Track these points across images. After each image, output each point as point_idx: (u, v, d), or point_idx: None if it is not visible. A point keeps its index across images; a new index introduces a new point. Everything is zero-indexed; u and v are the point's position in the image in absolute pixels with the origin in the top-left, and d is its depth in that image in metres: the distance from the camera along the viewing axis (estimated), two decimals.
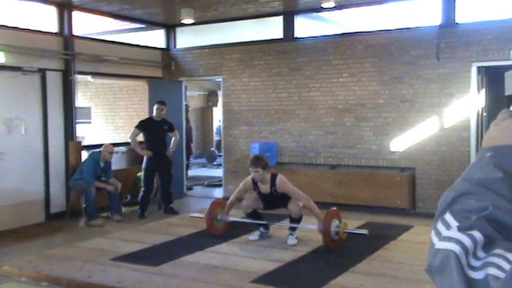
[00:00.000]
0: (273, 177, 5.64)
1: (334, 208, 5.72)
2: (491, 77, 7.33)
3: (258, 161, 5.63)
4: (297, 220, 5.74)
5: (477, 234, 0.66)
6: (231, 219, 6.12)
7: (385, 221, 6.92)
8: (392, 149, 7.74)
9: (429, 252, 0.70)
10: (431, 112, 7.42)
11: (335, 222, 5.48)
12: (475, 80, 7.16)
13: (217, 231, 6.07)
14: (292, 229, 5.77)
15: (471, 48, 7.10)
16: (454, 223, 0.70)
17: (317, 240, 5.84)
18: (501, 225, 0.68)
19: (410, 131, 7.59)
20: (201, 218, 6.21)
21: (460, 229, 0.68)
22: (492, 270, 0.63)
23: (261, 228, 5.96)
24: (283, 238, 5.80)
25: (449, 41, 7.26)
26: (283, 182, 5.63)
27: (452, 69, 7.26)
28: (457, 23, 7.29)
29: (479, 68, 7.17)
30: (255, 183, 5.71)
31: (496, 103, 7.11)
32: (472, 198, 0.72)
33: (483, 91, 7.28)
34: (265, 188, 5.69)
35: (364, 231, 5.70)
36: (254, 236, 5.92)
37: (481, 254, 0.66)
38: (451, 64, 7.26)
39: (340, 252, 5.47)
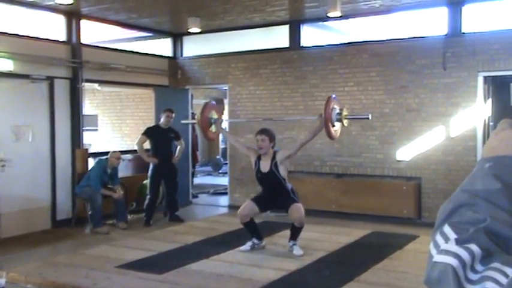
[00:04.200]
0: (275, 152, 5.55)
1: (334, 95, 5.53)
2: (498, 87, 7.32)
3: (266, 130, 5.62)
4: (299, 230, 5.65)
5: (475, 248, 0.66)
6: (227, 130, 5.97)
7: (390, 231, 6.88)
8: (398, 158, 7.72)
9: (427, 264, 0.70)
10: (437, 121, 7.41)
11: (335, 110, 5.30)
12: (481, 89, 7.15)
13: (212, 135, 6.05)
14: (294, 238, 5.63)
15: (477, 58, 7.10)
16: (452, 235, 0.70)
17: (322, 249, 5.82)
18: (499, 237, 0.68)
19: (416, 140, 7.57)
20: (194, 123, 6.10)
21: (458, 242, 0.68)
22: (489, 284, 0.63)
23: (254, 239, 5.75)
24: (287, 247, 5.77)
25: (455, 50, 7.26)
26: (284, 150, 5.60)
27: (458, 78, 7.26)
28: (463, 33, 7.29)
29: (485, 77, 7.15)
30: (258, 157, 5.58)
31: (503, 113, 7.08)
32: (471, 209, 0.72)
33: (489, 101, 7.26)
34: (265, 165, 5.54)
35: (366, 115, 5.62)
36: (246, 246, 5.71)
37: (478, 267, 0.66)
38: (457, 74, 7.26)
39: (345, 261, 5.44)
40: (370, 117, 5.62)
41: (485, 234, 0.67)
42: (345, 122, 5.39)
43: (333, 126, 5.32)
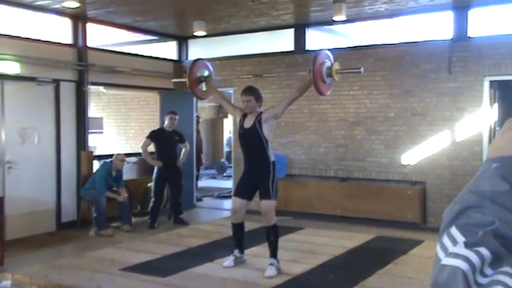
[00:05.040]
0: (261, 112, 5.23)
1: (325, 51, 5.27)
2: (504, 91, 7.28)
3: (252, 90, 5.21)
4: (273, 232, 5.14)
5: (484, 251, 0.65)
6: (217, 89, 5.72)
7: (395, 235, 6.86)
8: (403, 163, 7.70)
9: (434, 267, 0.70)
10: (442, 126, 7.38)
11: (326, 63, 5.09)
12: (487, 94, 7.12)
13: (202, 94, 5.84)
14: (273, 255, 5.16)
15: (483, 62, 7.07)
16: (460, 238, 0.69)
17: (326, 254, 5.81)
18: (507, 240, 0.67)
19: (421, 145, 7.54)
20: (184, 81, 5.85)
21: (467, 245, 0.67)
22: None
23: (236, 252, 5.40)
24: (291, 251, 5.76)
25: (461, 55, 7.24)
26: (270, 108, 5.26)
27: (464, 83, 7.23)
28: (469, 37, 7.27)
29: (491, 82, 7.12)
30: (243, 115, 5.28)
31: (509, 117, 7.04)
32: (478, 211, 0.71)
33: (496, 105, 7.23)
34: (248, 122, 5.18)
35: (358, 69, 5.35)
36: (229, 261, 5.34)
37: (488, 271, 0.65)
38: (463, 78, 7.23)
39: (350, 265, 5.43)
40: (362, 70, 5.40)
41: (494, 238, 0.66)
42: (336, 77, 5.16)
43: (324, 82, 5.11)
